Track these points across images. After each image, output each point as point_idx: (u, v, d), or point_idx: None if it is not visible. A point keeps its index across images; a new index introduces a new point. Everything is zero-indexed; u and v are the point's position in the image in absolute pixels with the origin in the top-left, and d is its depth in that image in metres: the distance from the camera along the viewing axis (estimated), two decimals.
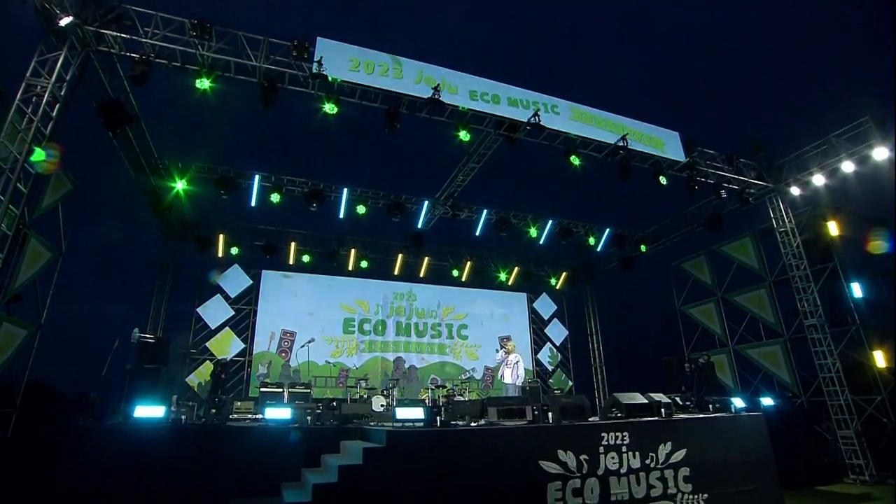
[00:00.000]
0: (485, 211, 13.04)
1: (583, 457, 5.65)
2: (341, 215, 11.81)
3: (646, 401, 6.81)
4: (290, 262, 13.43)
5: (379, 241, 14.72)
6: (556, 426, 5.95)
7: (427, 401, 11.60)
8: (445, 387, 11.83)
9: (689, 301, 14.71)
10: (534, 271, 16.52)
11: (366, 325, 14.60)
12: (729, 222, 12.58)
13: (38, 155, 6.90)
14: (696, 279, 14.57)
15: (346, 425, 7.44)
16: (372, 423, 7.87)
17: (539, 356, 16.64)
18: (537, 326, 16.96)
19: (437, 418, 5.93)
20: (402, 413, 6.00)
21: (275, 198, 10.93)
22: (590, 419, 6.54)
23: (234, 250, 13.08)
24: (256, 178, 11.01)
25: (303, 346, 12.32)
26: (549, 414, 6.19)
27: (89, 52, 7.52)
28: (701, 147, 11.24)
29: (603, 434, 5.86)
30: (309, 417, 7.20)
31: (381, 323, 14.81)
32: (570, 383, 16.60)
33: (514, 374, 9.10)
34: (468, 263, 15.23)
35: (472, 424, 6.27)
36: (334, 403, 8.04)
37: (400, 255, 14.47)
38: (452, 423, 6.36)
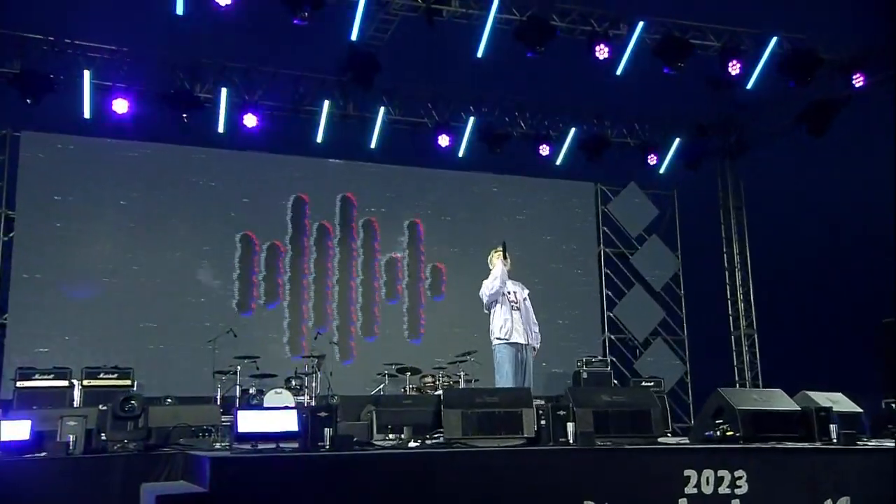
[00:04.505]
0: (495, 2, 12.44)
1: None
2: (179, 10, 11.34)
3: (794, 406, 6.93)
4: (86, 113, 13.38)
5: (279, 72, 14.62)
6: (586, 451, 6.02)
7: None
8: (419, 371, 12.01)
9: None
10: (610, 137, 16.31)
11: (259, 252, 14.98)
12: None
13: None
14: None
15: (159, 450, 7.53)
16: (218, 446, 8.20)
17: (615, 312, 16.92)
18: (615, 250, 17.31)
19: (327, 431, 5.91)
20: (250, 422, 6.17)
21: None
22: (660, 439, 6.70)
23: None
24: None
25: None
26: (569, 426, 6.23)
27: None
28: None
29: (687, 473, 5.86)
30: (73, 437, 7.14)
31: (292, 248, 15.17)
32: (685, 368, 17.07)
33: (525, 321, 9.18)
34: (470, 120, 15.10)
35: (412, 444, 6.33)
36: (132, 403, 7.85)
37: (326, 103, 14.48)
38: (371, 442, 6.43)
